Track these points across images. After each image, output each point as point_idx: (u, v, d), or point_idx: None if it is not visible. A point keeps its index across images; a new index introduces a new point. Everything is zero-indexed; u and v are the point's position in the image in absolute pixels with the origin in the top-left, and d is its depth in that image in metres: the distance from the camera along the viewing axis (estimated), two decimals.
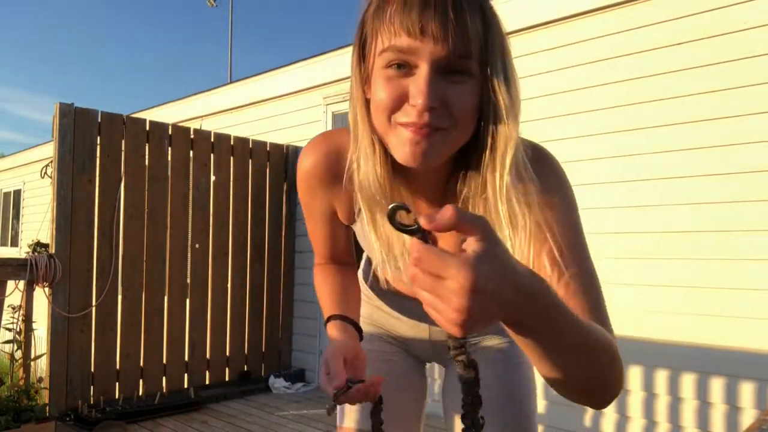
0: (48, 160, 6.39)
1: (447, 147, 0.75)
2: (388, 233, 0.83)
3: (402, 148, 0.74)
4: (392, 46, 0.71)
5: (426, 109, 0.70)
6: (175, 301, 4.03)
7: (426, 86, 0.70)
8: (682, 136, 2.90)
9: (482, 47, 0.73)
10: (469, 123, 0.75)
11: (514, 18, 3.51)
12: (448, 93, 0.71)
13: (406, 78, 0.72)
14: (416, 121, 0.71)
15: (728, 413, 2.72)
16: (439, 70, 0.71)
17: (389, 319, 1.18)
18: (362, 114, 0.79)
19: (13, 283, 3.38)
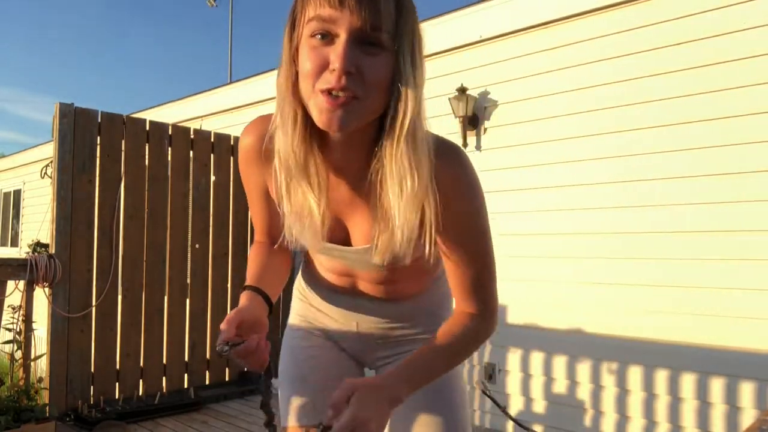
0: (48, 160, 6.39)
1: (360, 115, 0.84)
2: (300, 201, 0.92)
3: (320, 115, 0.83)
4: (316, 15, 0.82)
5: (343, 72, 0.80)
6: (175, 301, 4.03)
7: (343, 51, 0.80)
8: (683, 136, 2.90)
9: (394, 25, 0.83)
10: (380, 92, 0.84)
11: (514, 18, 3.51)
12: (363, 62, 0.81)
13: (327, 47, 0.82)
14: (335, 86, 0.80)
15: (728, 413, 2.72)
16: (356, 40, 0.81)
17: (320, 315, 1.22)
18: (288, 85, 0.88)
19: (13, 283, 3.38)
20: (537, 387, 3.38)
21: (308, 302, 1.23)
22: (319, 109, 0.83)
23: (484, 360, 3.61)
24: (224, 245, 4.32)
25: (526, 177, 3.43)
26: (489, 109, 3.63)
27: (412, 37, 0.85)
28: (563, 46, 3.34)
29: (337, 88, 0.80)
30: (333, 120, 0.82)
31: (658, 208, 2.95)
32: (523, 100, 3.50)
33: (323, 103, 0.82)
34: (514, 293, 3.48)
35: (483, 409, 3.61)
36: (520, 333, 3.44)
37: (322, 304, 1.20)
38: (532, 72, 3.46)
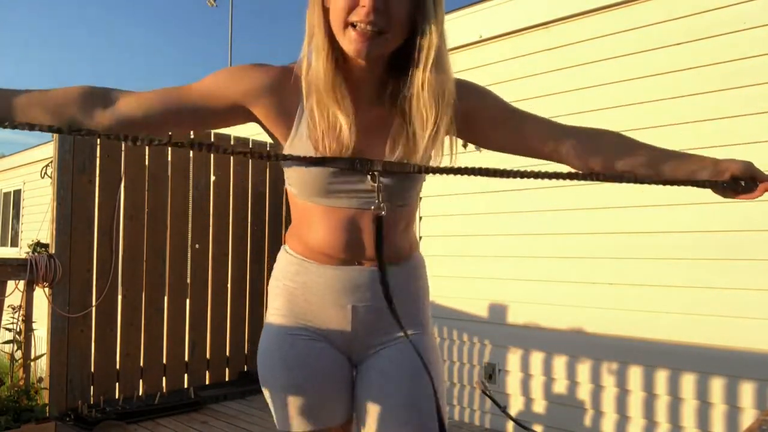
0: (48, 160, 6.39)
1: (385, 46, 1.00)
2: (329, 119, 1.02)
3: (350, 45, 0.98)
4: None
5: (372, 9, 0.94)
6: (175, 301, 4.03)
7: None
8: (683, 136, 2.90)
9: None
10: (402, 28, 0.99)
11: (514, 18, 3.51)
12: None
13: None
14: (364, 19, 0.95)
15: (728, 413, 2.72)
16: None
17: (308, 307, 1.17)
18: (319, 17, 1.01)
19: (13, 283, 3.37)
20: (537, 387, 3.38)
21: (294, 296, 1.17)
22: (349, 40, 0.98)
23: (484, 360, 3.61)
24: (224, 245, 4.32)
25: None
26: None
27: None
28: (563, 46, 3.34)
29: (365, 21, 0.95)
30: (361, 50, 0.97)
31: (659, 208, 2.95)
32: (523, 100, 3.50)
33: (353, 35, 0.97)
34: (514, 293, 3.48)
35: (483, 409, 3.61)
36: (520, 333, 3.44)
37: (312, 294, 1.16)
38: (532, 72, 3.46)
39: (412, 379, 1.15)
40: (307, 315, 1.17)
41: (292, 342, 1.17)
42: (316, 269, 1.14)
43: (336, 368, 1.19)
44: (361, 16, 0.95)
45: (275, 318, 1.20)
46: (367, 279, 1.13)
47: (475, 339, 3.66)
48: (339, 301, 1.14)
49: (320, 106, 1.02)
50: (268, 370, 1.20)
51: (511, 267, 3.47)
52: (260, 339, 1.22)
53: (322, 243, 1.12)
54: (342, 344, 1.19)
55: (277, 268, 1.23)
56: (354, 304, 1.14)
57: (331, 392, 1.18)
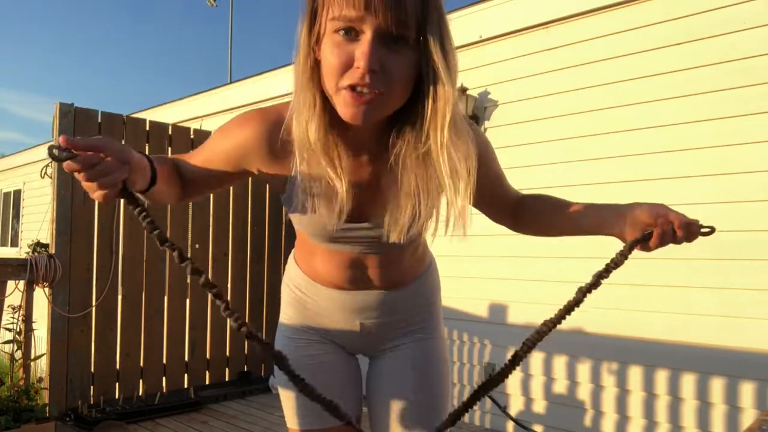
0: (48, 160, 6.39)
1: (383, 109, 0.88)
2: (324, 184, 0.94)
3: (345, 109, 0.86)
4: (342, 15, 0.83)
5: (368, 71, 0.82)
6: (175, 301, 4.03)
7: (368, 50, 0.82)
8: (683, 135, 2.90)
9: (420, 20, 0.85)
10: (403, 89, 0.88)
11: (514, 18, 3.51)
12: (388, 60, 0.84)
13: (352, 44, 0.84)
14: (359, 83, 0.83)
15: (728, 413, 2.72)
16: (381, 37, 0.83)
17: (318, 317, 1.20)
18: (307, 73, 0.90)
19: (13, 283, 3.38)
20: (537, 387, 3.38)
21: (305, 307, 1.21)
22: (343, 103, 0.86)
23: (484, 360, 3.61)
24: (224, 245, 4.32)
25: (526, 177, 3.42)
26: (489, 109, 3.63)
27: (439, 26, 0.87)
28: (563, 46, 3.34)
29: (361, 85, 0.83)
30: (357, 114, 0.86)
31: None
32: (523, 100, 3.50)
33: (348, 98, 0.85)
34: (514, 293, 3.48)
35: (483, 409, 3.61)
36: (520, 333, 3.42)
37: (322, 308, 1.19)
38: (532, 72, 3.46)
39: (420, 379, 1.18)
40: (317, 321, 1.21)
41: (303, 344, 1.21)
42: (324, 291, 1.17)
43: (345, 368, 1.23)
44: (356, 78, 0.83)
45: (288, 320, 1.24)
46: (375, 301, 1.16)
47: (475, 339, 3.66)
48: (348, 318, 1.18)
49: (313, 169, 0.93)
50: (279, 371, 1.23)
51: (511, 267, 3.47)
52: (274, 340, 1.26)
53: (327, 275, 1.15)
54: (351, 348, 1.24)
55: (288, 276, 1.25)
56: (362, 321, 1.18)
57: (340, 391, 1.21)
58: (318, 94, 0.90)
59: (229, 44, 11.13)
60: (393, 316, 1.18)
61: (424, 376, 1.19)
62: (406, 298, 1.18)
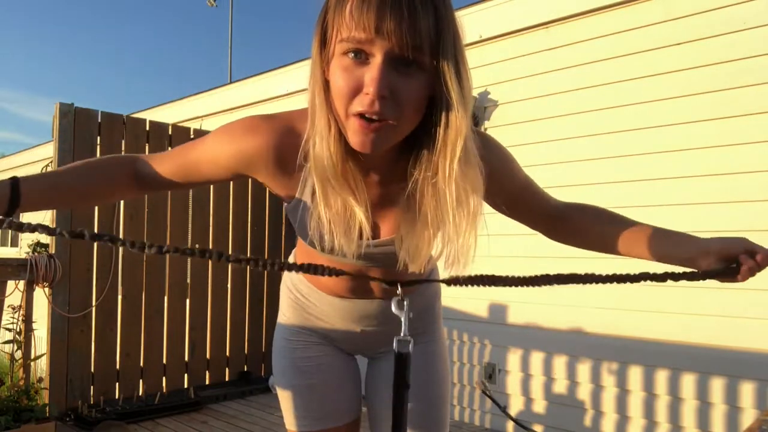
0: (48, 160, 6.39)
1: (393, 137, 0.84)
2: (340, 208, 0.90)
3: (354, 137, 0.82)
4: (351, 37, 0.79)
5: (377, 97, 0.78)
6: (175, 301, 4.03)
7: (378, 75, 0.77)
8: (683, 135, 2.90)
9: (434, 44, 0.80)
10: (414, 115, 0.83)
11: (514, 18, 3.51)
12: (399, 84, 0.79)
13: (362, 67, 0.79)
14: (368, 110, 0.79)
15: (728, 413, 2.72)
16: (392, 62, 0.78)
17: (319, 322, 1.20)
18: (321, 96, 0.85)
19: (13, 283, 3.37)
20: (537, 387, 3.38)
21: (305, 310, 1.20)
22: (352, 131, 0.82)
23: (484, 360, 3.61)
24: (224, 245, 4.32)
25: None
26: (489, 109, 3.63)
27: (454, 47, 0.82)
28: (563, 46, 3.33)
29: (370, 112, 0.79)
30: (366, 143, 0.82)
31: (658, 208, 2.95)
32: (523, 100, 3.50)
33: (357, 126, 0.81)
34: (514, 293, 3.48)
35: (483, 409, 3.61)
36: (520, 333, 3.44)
37: (322, 313, 1.18)
38: (532, 72, 3.46)
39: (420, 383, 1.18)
40: (316, 324, 1.20)
41: (301, 345, 1.21)
42: (325, 298, 1.16)
43: (343, 368, 1.23)
44: (365, 105, 0.79)
45: (286, 321, 1.23)
46: (376, 309, 1.14)
47: (475, 339, 3.66)
48: (348, 326, 1.17)
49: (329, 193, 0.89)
50: (279, 372, 1.24)
51: (511, 267, 3.47)
52: (273, 341, 1.26)
53: (328, 283, 1.13)
54: (350, 349, 1.24)
55: (289, 278, 1.24)
56: (363, 328, 1.17)
57: (338, 391, 1.21)
58: (332, 117, 0.85)
59: (229, 44, 11.12)
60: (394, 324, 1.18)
61: (424, 379, 1.19)
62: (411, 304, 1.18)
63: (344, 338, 1.21)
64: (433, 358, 1.22)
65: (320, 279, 1.14)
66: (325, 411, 1.19)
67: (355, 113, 0.80)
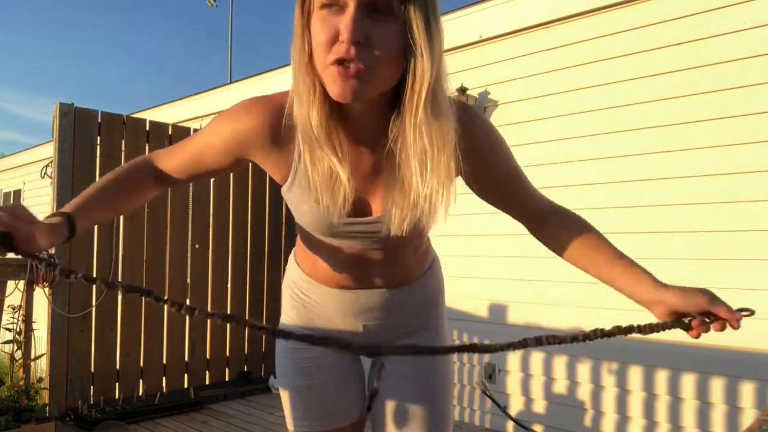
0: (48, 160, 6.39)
1: (373, 84, 0.84)
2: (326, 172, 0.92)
3: (333, 86, 0.84)
4: None
5: (351, 42, 0.80)
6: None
7: (351, 22, 0.80)
8: (683, 136, 2.90)
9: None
10: (392, 60, 0.84)
11: (514, 18, 3.51)
12: (373, 30, 0.81)
13: (337, 16, 0.82)
14: (344, 56, 0.81)
15: (728, 413, 2.72)
16: (365, 9, 0.81)
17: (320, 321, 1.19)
18: (303, 57, 0.87)
19: (13, 283, 3.37)
20: (537, 387, 3.38)
21: (306, 309, 1.20)
22: (331, 79, 0.83)
23: (484, 360, 3.61)
24: (224, 245, 4.32)
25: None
26: (489, 109, 3.62)
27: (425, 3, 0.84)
28: (563, 46, 3.34)
29: (347, 58, 0.81)
30: (346, 90, 0.83)
31: (658, 208, 2.95)
32: (523, 100, 3.50)
33: (335, 73, 0.82)
34: (514, 293, 3.48)
35: (483, 409, 3.61)
36: (520, 333, 3.42)
37: (323, 310, 1.17)
38: (532, 72, 3.46)
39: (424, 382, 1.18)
40: (317, 323, 1.20)
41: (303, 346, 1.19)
42: (325, 290, 1.15)
43: (345, 368, 1.22)
44: (341, 52, 0.81)
45: (288, 322, 1.23)
46: (378, 301, 1.14)
47: (475, 339, 3.66)
48: (350, 321, 1.17)
49: (315, 155, 0.92)
50: (281, 373, 1.23)
51: (511, 267, 3.47)
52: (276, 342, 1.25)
53: (328, 273, 1.13)
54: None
55: (289, 276, 1.24)
56: (365, 323, 1.16)
57: (339, 392, 1.20)
58: (316, 80, 0.87)
59: (229, 44, 11.13)
60: (396, 317, 1.17)
61: (428, 378, 1.19)
62: (409, 298, 1.17)
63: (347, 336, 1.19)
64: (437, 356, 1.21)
65: (320, 270, 1.14)
66: (326, 412, 1.19)
67: (332, 61, 0.82)
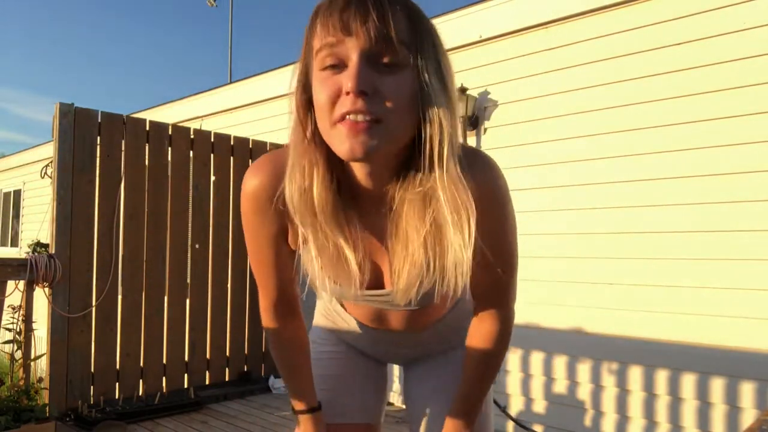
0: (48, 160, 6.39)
1: (386, 139, 0.76)
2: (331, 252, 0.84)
3: (342, 144, 0.75)
4: (323, 45, 0.76)
5: (357, 91, 0.72)
6: (175, 301, 4.03)
7: (356, 70, 0.73)
8: (682, 136, 2.90)
9: (409, 35, 0.76)
10: (405, 112, 0.76)
11: (514, 18, 3.51)
12: (380, 82, 0.74)
13: (340, 74, 0.75)
14: (351, 108, 0.73)
15: (728, 413, 2.72)
16: (369, 60, 0.74)
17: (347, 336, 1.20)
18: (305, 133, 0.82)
19: (13, 283, 3.37)
20: (537, 387, 3.38)
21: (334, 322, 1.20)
22: (340, 138, 0.75)
23: None
24: (224, 245, 4.32)
25: (526, 177, 3.43)
26: (489, 109, 3.63)
27: (432, 45, 0.78)
28: (563, 46, 3.34)
29: (353, 110, 0.73)
30: (356, 146, 0.74)
31: (658, 208, 2.95)
32: (523, 100, 3.50)
33: (344, 130, 0.74)
34: None
35: None
36: (520, 333, 3.42)
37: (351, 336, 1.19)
38: (532, 72, 3.46)
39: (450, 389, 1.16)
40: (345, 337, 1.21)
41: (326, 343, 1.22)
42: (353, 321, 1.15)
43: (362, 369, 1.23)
44: (348, 104, 0.73)
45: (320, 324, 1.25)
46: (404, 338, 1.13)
47: None
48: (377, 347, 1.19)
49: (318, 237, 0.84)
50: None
51: None
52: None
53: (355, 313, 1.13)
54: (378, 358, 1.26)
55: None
56: (387, 348, 1.19)
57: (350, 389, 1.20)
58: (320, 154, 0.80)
59: (229, 44, 11.14)
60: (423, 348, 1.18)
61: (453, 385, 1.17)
62: (435, 332, 1.15)
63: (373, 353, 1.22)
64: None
65: (348, 307, 1.13)
66: (331, 404, 1.18)
67: (339, 116, 0.74)
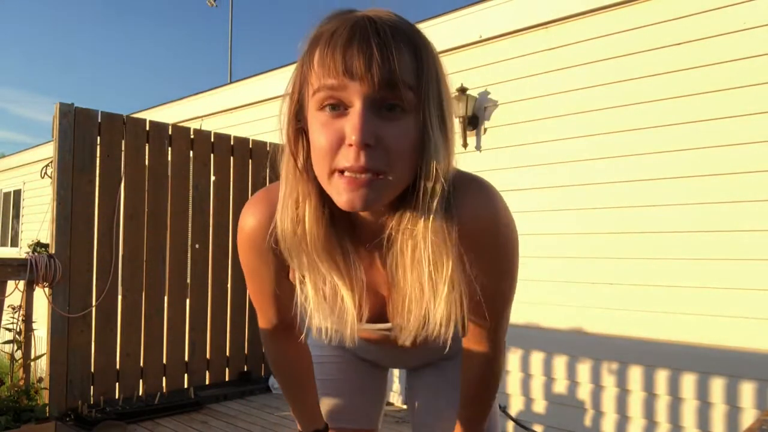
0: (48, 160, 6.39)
1: (387, 191, 0.73)
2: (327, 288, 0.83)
3: (340, 197, 0.72)
4: (322, 86, 0.71)
5: (362, 147, 0.69)
6: (175, 301, 4.03)
7: (359, 122, 0.69)
8: (682, 136, 2.90)
9: (416, 77, 0.72)
10: (407, 162, 0.73)
11: (514, 18, 3.51)
12: (384, 131, 0.70)
13: (341, 119, 0.71)
14: (353, 165, 0.70)
15: (728, 413, 2.72)
16: (373, 106, 0.70)
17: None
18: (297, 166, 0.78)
19: (13, 283, 3.37)
20: (537, 387, 3.38)
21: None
22: (338, 190, 0.72)
23: None
24: (224, 245, 4.32)
25: (526, 177, 3.43)
26: (489, 109, 3.63)
27: (436, 80, 0.74)
28: (563, 46, 3.34)
29: (356, 167, 0.70)
30: (356, 200, 0.71)
31: (658, 208, 2.95)
32: (523, 100, 3.50)
33: (343, 183, 0.71)
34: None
35: None
36: (520, 333, 3.43)
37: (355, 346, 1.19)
38: (532, 72, 3.46)
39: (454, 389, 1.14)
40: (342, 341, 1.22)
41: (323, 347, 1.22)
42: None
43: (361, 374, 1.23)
44: (351, 160, 0.70)
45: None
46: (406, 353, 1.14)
47: None
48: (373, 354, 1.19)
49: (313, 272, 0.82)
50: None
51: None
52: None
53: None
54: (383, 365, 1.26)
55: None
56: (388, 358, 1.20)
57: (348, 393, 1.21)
58: (312, 188, 0.77)
59: (229, 44, 11.14)
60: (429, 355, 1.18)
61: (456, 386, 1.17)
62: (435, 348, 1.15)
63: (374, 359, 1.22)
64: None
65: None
66: (332, 409, 1.19)
67: (340, 169, 0.71)
